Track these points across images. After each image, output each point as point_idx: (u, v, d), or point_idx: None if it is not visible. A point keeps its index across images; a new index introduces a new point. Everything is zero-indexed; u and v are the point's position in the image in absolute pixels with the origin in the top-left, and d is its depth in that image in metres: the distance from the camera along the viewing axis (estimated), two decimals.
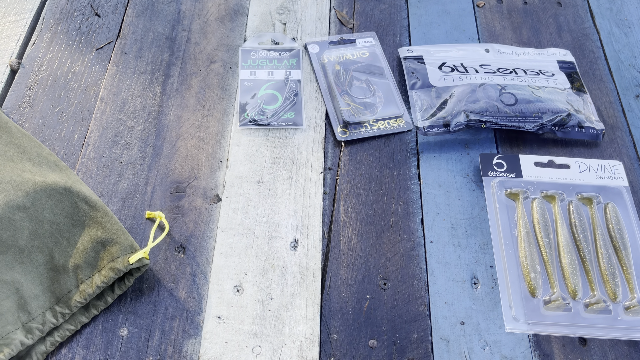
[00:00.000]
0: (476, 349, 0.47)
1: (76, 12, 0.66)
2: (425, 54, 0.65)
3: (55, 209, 0.47)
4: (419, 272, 0.51)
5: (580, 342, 0.48)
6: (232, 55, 0.64)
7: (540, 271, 0.50)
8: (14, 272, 0.44)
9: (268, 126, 0.59)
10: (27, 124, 0.57)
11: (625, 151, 0.60)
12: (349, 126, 0.59)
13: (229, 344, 0.46)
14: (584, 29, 0.70)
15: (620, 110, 0.63)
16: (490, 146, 0.60)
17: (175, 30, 0.66)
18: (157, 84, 0.61)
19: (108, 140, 0.57)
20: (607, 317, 0.48)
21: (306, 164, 0.57)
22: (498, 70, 0.63)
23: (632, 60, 0.68)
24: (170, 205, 0.53)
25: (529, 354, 0.47)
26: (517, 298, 0.49)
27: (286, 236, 0.52)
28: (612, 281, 0.50)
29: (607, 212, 0.54)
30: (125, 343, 0.46)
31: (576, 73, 0.65)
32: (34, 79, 0.60)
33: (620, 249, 0.51)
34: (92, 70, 0.62)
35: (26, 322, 0.43)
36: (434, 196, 0.56)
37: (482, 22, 0.70)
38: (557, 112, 0.59)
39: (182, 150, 0.57)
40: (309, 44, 0.65)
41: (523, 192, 0.55)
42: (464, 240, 0.53)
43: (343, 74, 0.63)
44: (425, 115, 0.60)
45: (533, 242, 0.52)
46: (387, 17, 0.69)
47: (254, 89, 0.61)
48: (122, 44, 0.64)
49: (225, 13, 0.68)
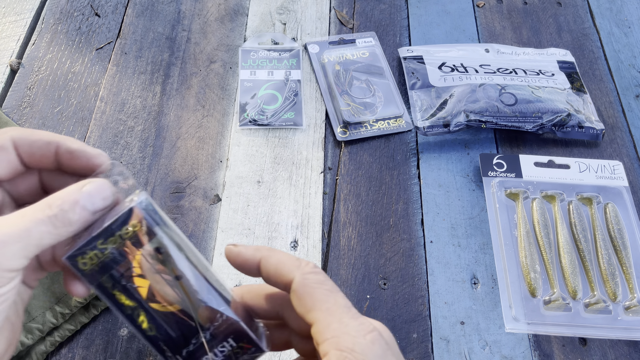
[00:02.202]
0: (476, 349, 0.47)
1: (76, 12, 0.66)
2: (425, 54, 0.65)
3: None
4: (419, 272, 0.51)
5: (580, 342, 0.48)
6: (232, 55, 0.64)
7: (540, 271, 0.50)
8: None
9: (268, 126, 0.59)
10: (27, 124, 0.57)
11: (625, 151, 0.60)
12: (349, 126, 0.59)
13: None
14: (583, 29, 0.70)
15: (620, 110, 0.63)
16: (490, 146, 0.60)
17: (175, 30, 0.66)
18: (157, 84, 0.61)
19: (108, 140, 0.57)
20: (607, 317, 0.48)
21: (306, 164, 0.57)
22: (498, 70, 0.63)
23: (632, 60, 0.68)
24: (170, 205, 0.53)
25: (529, 354, 0.47)
26: (517, 298, 0.49)
27: (286, 236, 0.52)
28: (612, 281, 0.50)
29: (607, 212, 0.54)
30: (125, 343, 0.46)
31: (576, 73, 0.65)
32: (33, 79, 0.60)
33: (620, 249, 0.51)
34: (92, 70, 0.62)
35: (26, 322, 0.43)
36: (434, 196, 0.56)
37: (482, 22, 0.70)
38: (557, 112, 0.59)
39: (182, 150, 0.57)
40: (309, 44, 0.65)
41: (523, 192, 0.55)
42: (464, 240, 0.53)
43: (343, 74, 0.63)
44: (425, 115, 0.60)
45: (533, 242, 0.52)
46: (387, 17, 0.69)
47: (254, 89, 0.61)
48: (122, 44, 0.64)
49: (225, 13, 0.68)
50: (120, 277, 0.29)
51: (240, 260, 0.31)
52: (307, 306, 0.28)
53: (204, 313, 0.30)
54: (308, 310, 0.28)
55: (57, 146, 0.31)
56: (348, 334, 0.26)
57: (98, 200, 0.28)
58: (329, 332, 0.27)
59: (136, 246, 0.29)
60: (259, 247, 0.31)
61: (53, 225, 0.27)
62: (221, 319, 0.30)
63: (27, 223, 0.26)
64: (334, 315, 0.27)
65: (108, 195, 0.29)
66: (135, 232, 0.29)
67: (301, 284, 0.29)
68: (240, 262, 0.31)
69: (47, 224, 0.27)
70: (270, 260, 0.30)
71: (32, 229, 0.26)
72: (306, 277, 0.29)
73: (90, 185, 0.28)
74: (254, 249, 0.31)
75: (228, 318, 0.30)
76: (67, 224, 0.27)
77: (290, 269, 0.29)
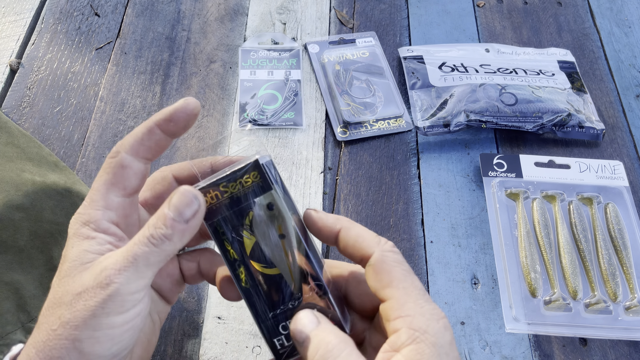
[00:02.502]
0: (476, 349, 0.47)
1: (76, 12, 0.66)
2: (425, 54, 0.65)
3: (55, 209, 0.47)
4: (419, 272, 0.51)
5: (580, 343, 0.48)
6: (232, 55, 0.64)
7: (541, 271, 0.50)
8: (14, 272, 0.44)
9: (268, 126, 0.59)
10: (26, 124, 0.57)
11: (625, 151, 0.60)
12: (349, 126, 0.59)
13: (228, 344, 0.46)
14: (584, 28, 0.70)
15: (620, 110, 0.63)
16: (491, 146, 0.59)
17: (175, 30, 0.66)
18: (157, 84, 0.61)
19: (108, 140, 0.57)
20: (607, 317, 0.48)
21: (306, 164, 0.57)
22: (498, 70, 0.63)
23: (632, 60, 0.68)
24: None
25: (529, 354, 0.47)
26: (517, 298, 0.49)
27: None
28: (613, 281, 0.50)
29: (608, 212, 0.54)
30: None
31: (576, 73, 0.64)
32: (33, 78, 0.60)
33: (620, 249, 0.51)
34: (91, 70, 0.62)
35: (26, 322, 0.43)
36: (434, 196, 0.56)
37: (482, 22, 0.70)
38: (557, 112, 0.59)
39: (182, 150, 0.57)
40: (309, 43, 0.65)
41: (523, 192, 0.55)
42: (464, 240, 0.53)
43: (343, 73, 0.63)
44: (426, 115, 0.60)
45: (533, 242, 0.52)
46: (387, 17, 0.69)
47: (254, 89, 0.61)
48: (122, 43, 0.64)
49: (225, 13, 0.68)
50: (232, 226, 0.31)
51: (319, 225, 0.32)
52: (383, 282, 0.29)
53: (297, 279, 0.31)
54: (384, 287, 0.29)
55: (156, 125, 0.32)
56: (422, 316, 0.28)
57: (186, 210, 0.29)
58: (404, 310, 0.28)
59: (252, 196, 0.31)
60: (340, 217, 0.32)
61: (154, 245, 0.29)
62: (313, 289, 0.31)
63: (133, 248, 0.29)
64: (409, 295, 0.28)
65: (193, 201, 0.30)
66: (254, 183, 0.31)
67: (380, 260, 0.30)
68: (320, 227, 0.32)
69: (148, 244, 0.29)
70: (350, 232, 0.31)
71: (138, 253, 0.29)
72: (385, 255, 0.30)
73: (175, 197, 0.30)
74: (334, 218, 0.32)
75: (319, 289, 0.31)
76: (165, 240, 0.29)
77: (369, 244, 0.31)
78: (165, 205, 0.30)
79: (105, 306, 0.28)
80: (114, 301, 0.28)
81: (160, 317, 0.35)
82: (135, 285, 0.29)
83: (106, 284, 0.28)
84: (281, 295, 0.32)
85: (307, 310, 0.31)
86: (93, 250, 0.30)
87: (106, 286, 0.28)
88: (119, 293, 0.28)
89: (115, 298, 0.28)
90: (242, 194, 0.31)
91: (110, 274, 0.28)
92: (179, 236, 0.29)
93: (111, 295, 0.28)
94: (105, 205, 0.31)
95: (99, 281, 0.28)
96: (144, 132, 0.31)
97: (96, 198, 0.31)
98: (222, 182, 0.31)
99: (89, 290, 0.28)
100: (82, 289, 0.28)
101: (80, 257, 0.29)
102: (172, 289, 0.35)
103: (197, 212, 0.30)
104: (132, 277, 0.28)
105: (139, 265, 0.29)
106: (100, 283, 0.28)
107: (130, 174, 0.31)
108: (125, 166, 0.31)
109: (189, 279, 0.35)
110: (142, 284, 0.29)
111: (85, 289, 0.28)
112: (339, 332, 0.30)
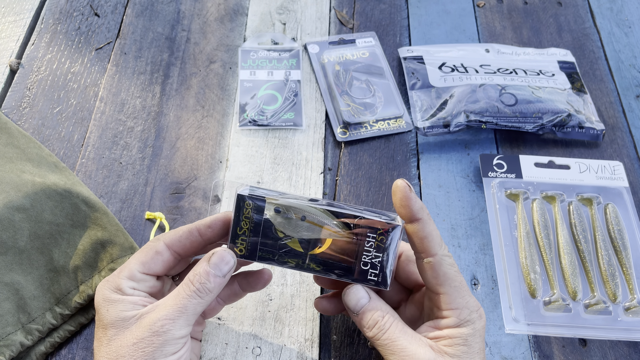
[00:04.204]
0: None
1: (75, 12, 0.66)
2: (425, 54, 0.65)
3: (55, 210, 0.47)
4: None
5: (580, 343, 0.48)
6: (231, 56, 0.64)
7: (540, 272, 0.50)
8: (14, 273, 0.44)
9: (268, 126, 0.59)
10: (26, 125, 0.57)
11: (625, 151, 0.60)
12: (349, 127, 0.59)
13: (229, 345, 0.46)
14: (584, 29, 0.70)
15: (620, 111, 0.63)
16: (490, 147, 0.59)
17: (175, 30, 0.66)
18: (157, 84, 0.61)
19: (107, 141, 0.57)
20: (607, 318, 0.48)
21: (306, 164, 0.57)
22: (498, 71, 0.63)
23: (632, 60, 0.68)
24: (170, 206, 0.53)
25: (528, 355, 0.47)
26: (517, 299, 0.49)
27: None
28: (612, 282, 0.50)
29: (607, 213, 0.54)
30: None
31: (576, 73, 0.64)
32: (33, 79, 0.60)
33: (620, 250, 0.51)
34: (91, 71, 0.62)
35: (26, 323, 0.43)
36: (434, 197, 0.56)
37: (482, 22, 0.70)
38: (557, 113, 0.59)
39: (182, 150, 0.57)
40: (308, 44, 0.65)
41: (523, 193, 0.55)
42: (464, 241, 0.53)
43: (343, 74, 0.63)
44: (426, 115, 0.60)
45: (533, 243, 0.52)
46: (387, 17, 0.69)
47: (254, 89, 0.61)
48: (122, 44, 0.64)
49: (224, 13, 0.68)
50: (271, 247, 0.37)
51: (407, 201, 0.36)
52: (439, 279, 0.37)
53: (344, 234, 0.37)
54: (439, 283, 0.37)
55: (197, 229, 0.38)
56: (467, 308, 0.37)
57: (223, 267, 0.37)
58: (454, 303, 0.37)
59: (260, 217, 0.37)
60: (424, 207, 0.37)
61: (199, 297, 0.36)
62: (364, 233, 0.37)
63: (182, 300, 0.36)
64: (459, 292, 0.37)
65: (229, 259, 0.37)
66: (252, 207, 0.37)
67: (440, 262, 0.37)
68: (406, 202, 0.36)
69: (194, 297, 0.36)
70: (425, 227, 0.36)
71: (187, 304, 0.36)
72: (444, 259, 0.37)
73: (214, 257, 0.37)
74: (421, 205, 0.37)
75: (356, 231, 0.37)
76: (207, 292, 0.36)
77: (435, 245, 0.37)
78: (204, 263, 0.37)
79: (163, 349, 0.35)
80: (170, 344, 0.35)
81: (196, 353, 0.42)
82: (184, 331, 0.36)
83: (163, 332, 0.35)
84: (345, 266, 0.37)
85: (358, 286, 0.38)
86: (129, 308, 0.36)
87: (162, 334, 0.35)
88: (173, 337, 0.35)
89: (170, 342, 0.35)
90: (254, 222, 0.37)
91: (165, 323, 0.35)
92: (218, 287, 0.37)
93: (167, 340, 0.35)
94: (129, 276, 0.38)
95: (154, 330, 0.35)
96: (185, 232, 0.38)
97: (124, 270, 0.38)
98: (236, 228, 0.37)
99: (144, 339, 0.35)
100: (136, 339, 0.35)
101: (120, 316, 0.36)
102: (196, 329, 0.42)
103: (233, 267, 0.37)
104: (183, 324, 0.35)
105: (188, 314, 0.35)
106: (157, 332, 0.35)
107: (159, 261, 0.38)
108: (159, 252, 0.38)
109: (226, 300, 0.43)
110: (189, 329, 0.36)
111: (140, 339, 0.35)
112: (386, 306, 0.38)
